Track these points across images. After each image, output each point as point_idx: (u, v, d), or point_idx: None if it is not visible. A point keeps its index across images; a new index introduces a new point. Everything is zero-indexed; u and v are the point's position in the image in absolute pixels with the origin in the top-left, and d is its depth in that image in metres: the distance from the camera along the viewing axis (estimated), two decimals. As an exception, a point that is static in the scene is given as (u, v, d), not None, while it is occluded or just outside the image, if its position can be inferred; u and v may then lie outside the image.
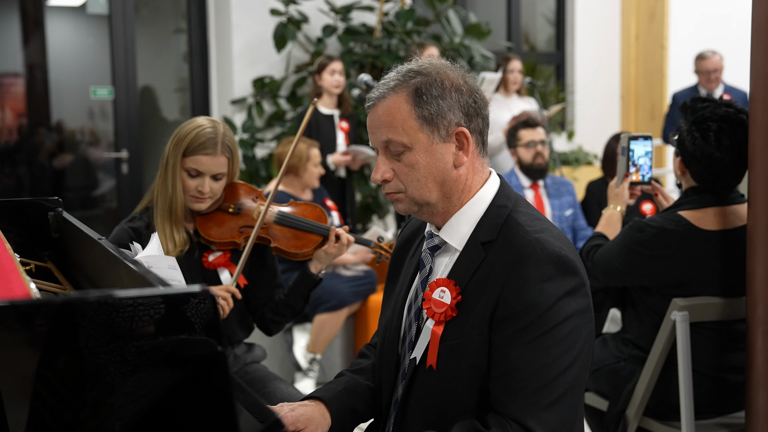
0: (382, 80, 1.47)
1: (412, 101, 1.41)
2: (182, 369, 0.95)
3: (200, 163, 2.19)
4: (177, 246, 2.23)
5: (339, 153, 4.46)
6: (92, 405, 0.93)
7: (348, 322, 4.26)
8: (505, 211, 1.45)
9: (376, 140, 1.46)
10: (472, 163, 1.46)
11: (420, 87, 1.41)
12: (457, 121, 1.42)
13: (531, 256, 1.36)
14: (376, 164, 1.47)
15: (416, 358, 1.47)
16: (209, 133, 2.19)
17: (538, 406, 1.32)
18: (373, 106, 1.45)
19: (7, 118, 5.55)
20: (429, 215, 1.49)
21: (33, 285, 1.25)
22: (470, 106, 1.44)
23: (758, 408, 2.15)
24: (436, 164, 1.42)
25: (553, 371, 1.33)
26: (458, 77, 1.45)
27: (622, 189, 2.55)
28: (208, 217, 2.30)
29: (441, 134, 1.42)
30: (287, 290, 2.38)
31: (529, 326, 1.34)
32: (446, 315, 1.42)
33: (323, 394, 1.60)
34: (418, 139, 1.41)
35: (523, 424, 1.32)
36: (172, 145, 2.21)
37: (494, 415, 1.36)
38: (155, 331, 0.93)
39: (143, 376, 0.93)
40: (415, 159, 1.42)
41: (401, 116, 1.41)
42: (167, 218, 2.23)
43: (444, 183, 1.44)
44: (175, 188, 2.20)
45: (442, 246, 1.50)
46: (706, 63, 5.69)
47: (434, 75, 1.43)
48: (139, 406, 0.94)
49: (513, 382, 1.34)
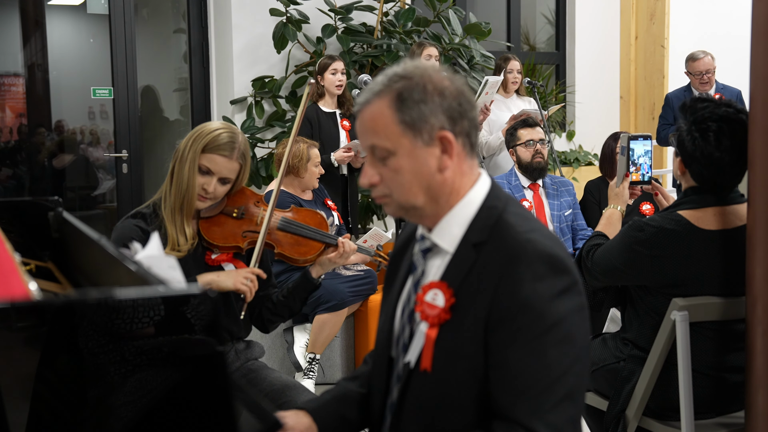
0: (369, 84, 1.47)
1: (394, 106, 1.41)
2: (182, 369, 0.95)
3: (215, 162, 2.23)
4: (188, 239, 2.26)
5: (341, 149, 4.47)
6: (92, 405, 0.93)
7: (348, 322, 4.26)
8: (496, 212, 1.45)
9: (363, 145, 1.47)
10: (459, 166, 1.46)
11: (402, 92, 1.41)
12: (440, 125, 1.41)
13: (522, 256, 1.36)
14: (363, 169, 1.48)
15: (410, 362, 1.47)
16: (229, 137, 2.25)
17: (543, 408, 1.32)
18: (360, 111, 1.46)
19: (7, 118, 5.55)
20: (418, 218, 1.49)
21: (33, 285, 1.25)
22: (454, 110, 1.43)
23: (758, 408, 2.15)
24: (420, 169, 1.42)
25: (555, 372, 1.33)
26: (443, 80, 1.43)
27: (623, 189, 2.55)
28: (211, 221, 2.33)
29: (424, 138, 1.41)
30: (286, 292, 2.41)
31: (526, 327, 1.33)
32: (440, 318, 1.42)
33: (308, 406, 1.61)
34: (401, 144, 1.41)
35: (529, 427, 1.31)
36: (191, 141, 2.25)
37: (499, 422, 1.35)
38: (155, 332, 0.93)
39: (143, 376, 0.93)
40: (399, 164, 1.42)
41: (384, 122, 1.41)
42: (178, 211, 2.25)
43: (429, 187, 1.44)
44: (190, 181, 2.23)
45: (433, 248, 1.50)
46: (697, 64, 5.45)
47: (417, 79, 1.42)
48: (139, 405, 0.94)
49: (515, 385, 1.33)
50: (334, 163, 4.44)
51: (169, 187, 2.28)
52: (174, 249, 2.24)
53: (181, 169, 2.24)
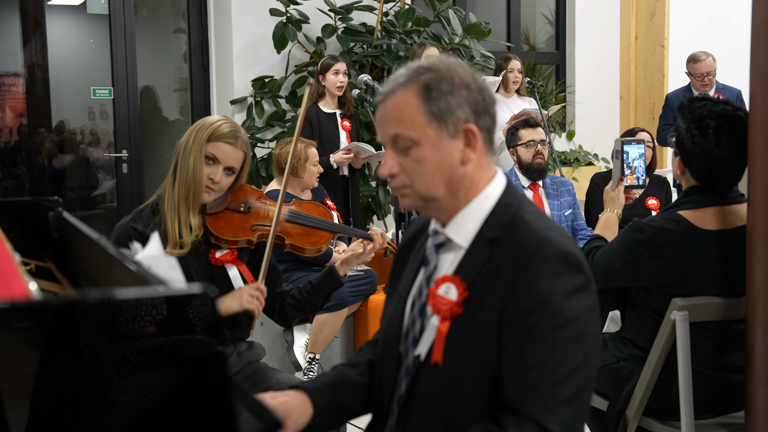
0: (392, 75, 1.47)
1: (421, 96, 1.41)
2: (182, 369, 0.95)
3: (221, 150, 2.25)
4: (193, 231, 2.26)
5: (341, 151, 4.46)
6: (92, 405, 0.93)
7: (348, 322, 4.26)
8: (512, 209, 1.45)
9: (385, 135, 1.46)
10: (479, 161, 1.46)
11: (430, 83, 1.41)
12: (466, 117, 1.42)
13: (539, 252, 1.36)
14: (383, 159, 1.47)
15: (420, 355, 1.47)
16: (232, 126, 2.30)
17: (553, 403, 1.31)
18: (383, 101, 1.45)
19: (7, 118, 5.55)
20: (435, 211, 1.49)
21: (33, 285, 1.25)
22: (479, 104, 1.44)
23: (758, 408, 2.15)
24: (444, 160, 1.42)
25: (566, 368, 1.32)
26: (468, 75, 1.45)
27: (618, 192, 2.55)
28: (217, 217, 2.34)
29: (449, 130, 1.42)
30: (310, 288, 2.45)
31: (541, 322, 1.33)
32: (452, 311, 1.42)
33: (307, 385, 1.59)
34: (426, 134, 1.41)
35: (539, 422, 1.31)
36: (194, 133, 2.27)
37: (509, 415, 1.35)
38: (156, 332, 0.93)
39: (143, 375, 0.93)
40: (422, 154, 1.42)
41: (410, 111, 1.41)
42: (183, 203, 2.25)
43: (451, 179, 1.44)
44: (197, 171, 2.24)
45: (447, 243, 1.50)
46: (699, 66, 5.44)
47: (444, 72, 1.43)
48: (139, 405, 0.94)
49: (526, 380, 1.33)
50: (334, 164, 4.44)
51: (171, 183, 2.28)
52: (175, 246, 2.23)
53: (186, 161, 2.25)
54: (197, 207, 2.28)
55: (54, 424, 0.93)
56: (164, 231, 2.24)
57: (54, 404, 0.92)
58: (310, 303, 2.45)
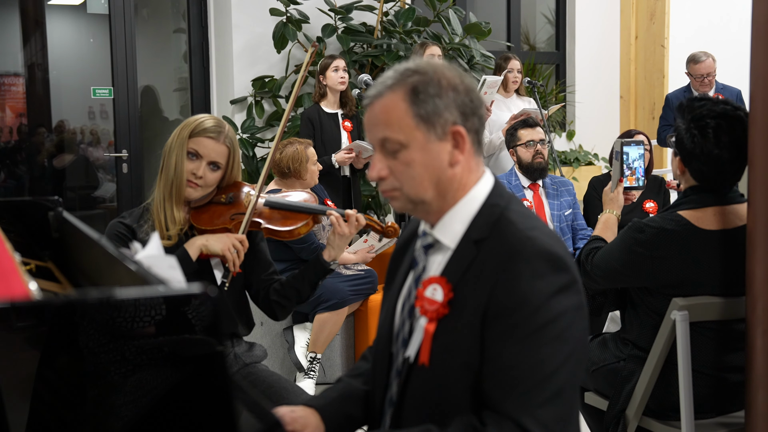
0: (379, 78, 1.47)
1: (409, 99, 1.41)
2: (182, 369, 0.95)
3: (202, 145, 2.26)
4: (177, 224, 2.29)
5: (342, 150, 4.46)
6: (92, 405, 0.93)
7: (348, 322, 4.26)
8: (498, 209, 1.45)
9: (373, 138, 1.46)
10: (468, 162, 1.46)
11: (417, 85, 1.41)
12: (453, 120, 1.42)
13: (522, 252, 1.36)
14: (371, 162, 1.48)
15: (410, 357, 1.47)
16: (215, 121, 2.32)
17: (532, 403, 1.32)
18: (370, 104, 1.46)
19: (7, 118, 5.55)
20: (424, 213, 1.49)
21: (33, 285, 1.25)
22: (466, 105, 1.44)
23: (758, 408, 2.15)
24: (432, 163, 1.42)
25: (546, 368, 1.33)
26: (455, 77, 1.45)
27: (617, 193, 2.55)
28: (201, 210, 2.36)
29: (437, 133, 1.42)
30: (296, 273, 2.40)
31: (522, 323, 1.34)
32: (438, 312, 1.42)
33: (316, 403, 1.61)
34: (414, 137, 1.41)
35: (518, 422, 1.32)
36: (177, 132, 2.30)
37: (490, 413, 1.36)
38: (155, 332, 0.93)
39: (143, 375, 0.93)
40: (410, 157, 1.42)
41: (398, 114, 1.41)
42: (168, 198, 2.28)
43: (439, 181, 1.44)
44: (179, 167, 2.26)
45: (435, 244, 1.50)
46: (699, 67, 5.41)
47: (431, 74, 1.43)
48: (139, 405, 0.94)
49: (507, 380, 1.34)
50: (335, 164, 4.43)
51: (158, 180, 2.32)
52: (163, 238, 2.24)
53: (170, 158, 2.28)
54: (181, 202, 2.30)
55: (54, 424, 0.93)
56: (152, 226, 2.28)
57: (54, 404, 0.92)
58: (294, 288, 2.37)
